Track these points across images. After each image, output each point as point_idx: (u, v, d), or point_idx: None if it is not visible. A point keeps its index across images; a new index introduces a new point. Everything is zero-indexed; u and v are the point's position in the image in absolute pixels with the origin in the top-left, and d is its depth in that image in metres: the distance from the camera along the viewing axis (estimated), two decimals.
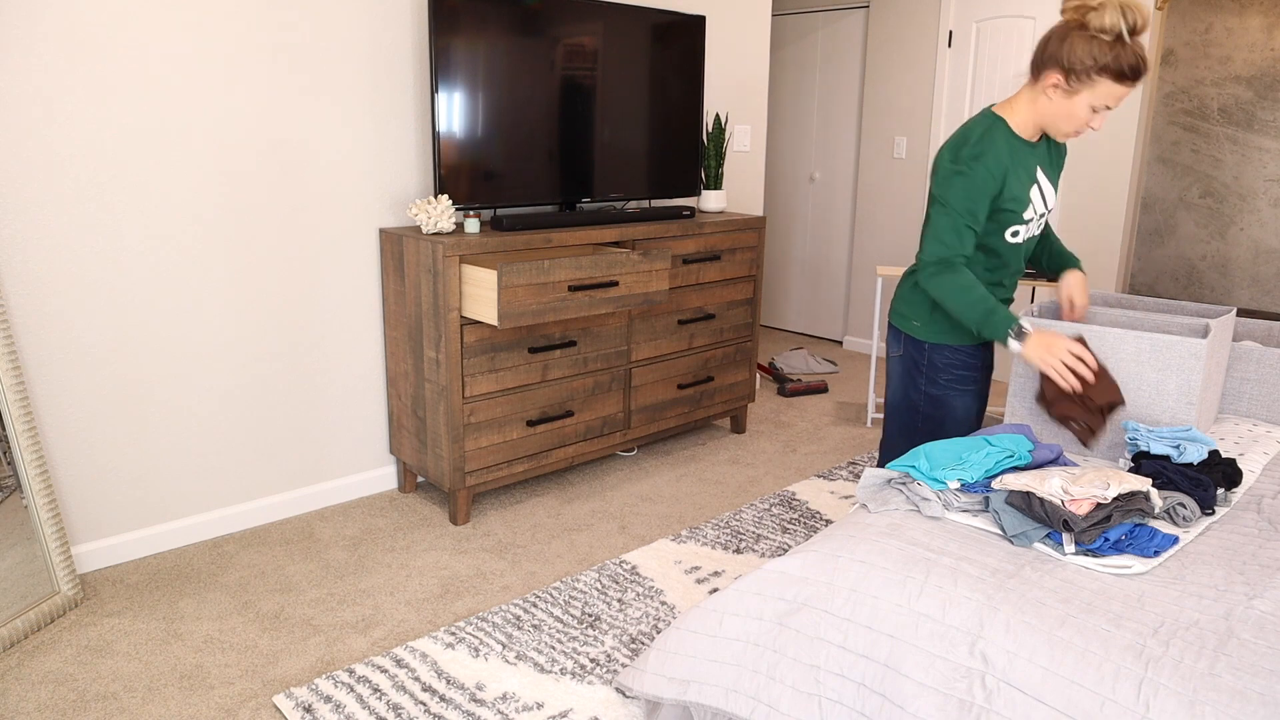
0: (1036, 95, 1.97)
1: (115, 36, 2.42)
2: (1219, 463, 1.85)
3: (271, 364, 2.88)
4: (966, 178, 1.95)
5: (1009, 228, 2.05)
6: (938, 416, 2.20)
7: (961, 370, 2.17)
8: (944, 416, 2.20)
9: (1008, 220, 2.03)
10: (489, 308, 2.69)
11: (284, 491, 2.99)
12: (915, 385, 2.22)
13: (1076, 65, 1.87)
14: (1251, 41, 4.62)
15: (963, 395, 2.18)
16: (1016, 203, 2.01)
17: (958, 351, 2.16)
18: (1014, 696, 1.36)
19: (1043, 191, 2.06)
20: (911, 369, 2.21)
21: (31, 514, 2.34)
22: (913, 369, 2.21)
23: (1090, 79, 1.87)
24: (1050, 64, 1.91)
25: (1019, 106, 2.01)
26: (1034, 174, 2.04)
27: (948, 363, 2.16)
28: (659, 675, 1.81)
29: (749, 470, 3.49)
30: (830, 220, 5.61)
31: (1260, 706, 1.20)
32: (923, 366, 2.19)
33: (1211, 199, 4.87)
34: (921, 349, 2.19)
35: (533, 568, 2.69)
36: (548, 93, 3.12)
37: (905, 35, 5.00)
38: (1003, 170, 1.97)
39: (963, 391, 2.18)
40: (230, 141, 2.67)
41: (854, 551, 1.65)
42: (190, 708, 2.02)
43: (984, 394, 2.24)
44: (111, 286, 2.53)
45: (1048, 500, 1.63)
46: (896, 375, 2.26)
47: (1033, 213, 2.05)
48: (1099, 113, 1.92)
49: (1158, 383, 2.19)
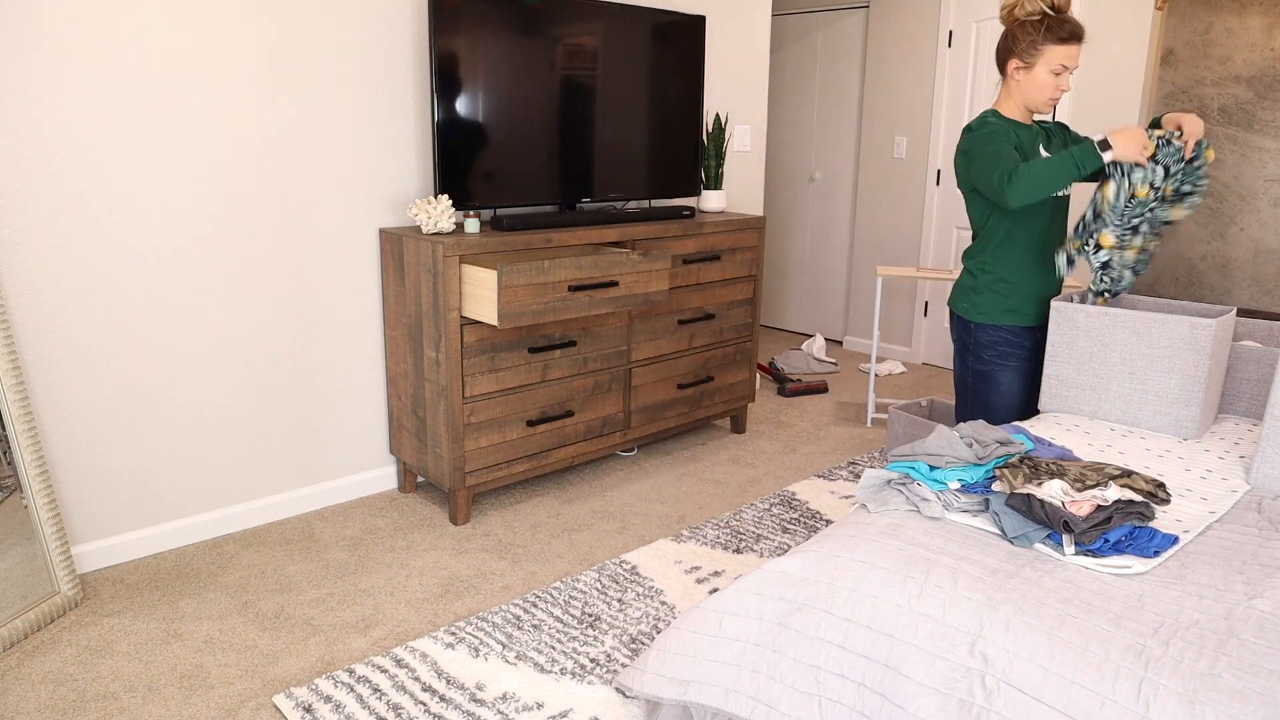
0: (1010, 86, 2.35)
1: (115, 36, 2.42)
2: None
3: (271, 364, 2.88)
4: (980, 134, 2.29)
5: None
6: (983, 391, 2.45)
7: (1004, 347, 2.41)
8: (989, 391, 2.44)
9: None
10: (489, 308, 2.69)
11: (284, 491, 2.99)
12: (965, 363, 2.49)
13: (1023, 45, 2.27)
14: (1251, 41, 4.62)
15: (1005, 371, 2.42)
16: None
17: (999, 330, 2.41)
18: (1014, 696, 1.36)
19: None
20: (962, 349, 2.49)
21: (31, 514, 2.34)
22: (963, 349, 2.48)
23: (1037, 49, 2.25)
24: (1006, 56, 2.32)
25: (1005, 100, 2.38)
26: (1036, 149, 2.35)
27: (990, 340, 2.41)
28: (659, 675, 1.81)
29: (749, 470, 3.49)
30: (830, 220, 5.61)
31: (1260, 706, 1.20)
32: (970, 345, 2.45)
33: (1211, 199, 4.87)
34: (968, 328, 2.45)
35: (533, 568, 2.69)
36: (548, 93, 3.12)
37: (905, 35, 5.00)
38: (1012, 134, 2.29)
39: (1005, 368, 2.42)
40: (230, 141, 2.67)
41: (854, 551, 1.65)
42: (190, 708, 2.02)
43: (1030, 374, 2.46)
44: (112, 286, 2.53)
45: (1048, 502, 1.62)
46: (955, 356, 2.54)
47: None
48: (1060, 75, 2.26)
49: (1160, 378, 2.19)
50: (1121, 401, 2.32)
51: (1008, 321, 2.40)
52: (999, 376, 2.42)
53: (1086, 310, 2.32)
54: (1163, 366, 2.23)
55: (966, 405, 2.51)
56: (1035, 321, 2.43)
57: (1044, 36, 2.22)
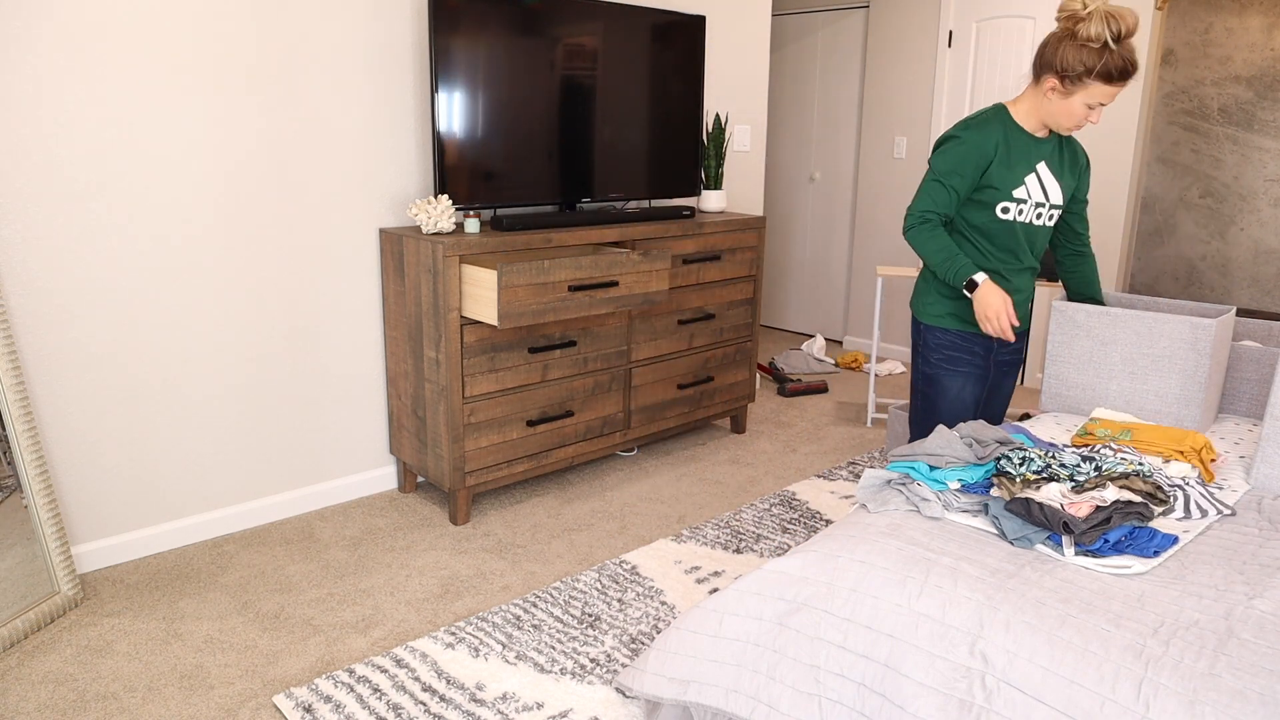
0: (1039, 96, 2.17)
1: (115, 36, 2.42)
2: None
3: (271, 364, 2.88)
4: (958, 143, 2.18)
5: (998, 204, 2.20)
6: (931, 394, 2.38)
7: (951, 351, 2.33)
8: (936, 396, 2.37)
9: (995, 197, 2.19)
10: (489, 308, 2.69)
11: (284, 491, 2.99)
12: (916, 366, 2.42)
13: (1069, 71, 2.06)
14: (1251, 41, 4.62)
15: (953, 376, 2.34)
16: (1003, 180, 2.18)
17: (947, 334, 2.33)
18: (1014, 696, 1.36)
19: (1043, 183, 2.22)
20: (914, 349, 2.43)
21: (31, 514, 2.34)
22: (914, 349, 2.43)
23: (1082, 82, 2.07)
24: (1047, 69, 2.12)
25: (1023, 103, 2.22)
26: (1033, 165, 2.21)
27: (939, 342, 2.34)
28: (659, 675, 1.81)
29: (749, 470, 3.49)
30: (830, 220, 5.61)
31: (1260, 706, 1.20)
32: (920, 347, 2.40)
33: (1211, 199, 4.87)
34: (919, 329, 2.39)
35: (533, 568, 2.69)
36: (548, 93, 3.12)
37: (905, 35, 5.00)
38: (994, 146, 2.17)
39: (953, 373, 2.34)
40: (230, 141, 2.67)
41: (854, 551, 1.65)
42: (190, 708, 2.02)
43: (982, 380, 2.37)
44: (112, 286, 2.53)
45: (1046, 505, 1.63)
46: (911, 357, 2.50)
47: (1026, 195, 2.20)
48: (1094, 109, 2.12)
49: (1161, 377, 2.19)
50: (1121, 401, 2.32)
51: (954, 325, 2.32)
52: (946, 381, 2.34)
53: (1087, 310, 2.33)
54: (1163, 367, 2.23)
55: (917, 409, 2.43)
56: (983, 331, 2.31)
57: (1096, 72, 2.03)
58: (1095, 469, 1.79)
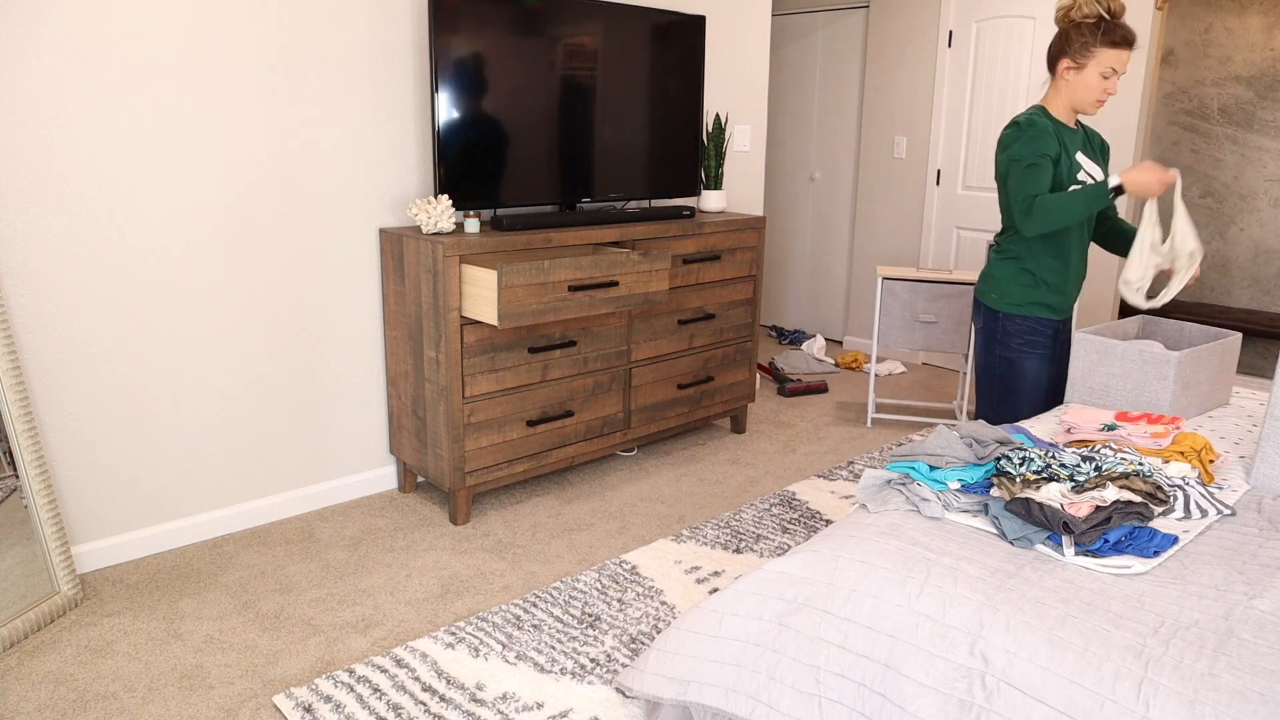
0: (1059, 85, 2.43)
1: (115, 37, 2.42)
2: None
3: (272, 364, 2.88)
4: (1028, 128, 2.37)
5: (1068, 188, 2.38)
6: (1010, 378, 2.54)
7: (1030, 335, 2.51)
8: (1016, 378, 2.53)
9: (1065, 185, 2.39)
10: (489, 308, 2.69)
11: (284, 491, 2.99)
12: (992, 351, 2.57)
13: (1076, 46, 2.36)
14: (1251, 41, 4.62)
15: (1032, 358, 2.51)
16: (1068, 170, 2.39)
17: (1026, 320, 2.50)
18: (1014, 696, 1.36)
19: (1087, 169, 2.44)
20: (988, 336, 2.58)
21: (31, 514, 2.34)
22: (989, 336, 2.57)
23: (1090, 52, 2.34)
24: (1058, 56, 2.41)
25: (1052, 97, 2.46)
26: (1074, 153, 2.44)
27: (1018, 328, 2.51)
28: (659, 675, 1.81)
29: (749, 470, 3.49)
30: (830, 220, 5.61)
31: (1260, 706, 1.20)
32: (998, 334, 2.55)
33: (1211, 199, 4.87)
34: (997, 318, 2.54)
35: (533, 568, 2.69)
36: (548, 93, 3.12)
37: (905, 35, 5.00)
38: (1054, 134, 2.37)
39: (1032, 355, 2.51)
40: (230, 141, 2.67)
41: (854, 551, 1.65)
42: (190, 708, 2.02)
43: (1055, 361, 2.55)
44: (112, 286, 2.53)
45: (1046, 505, 1.63)
46: (980, 344, 2.62)
47: (1088, 177, 2.42)
48: (1109, 79, 2.35)
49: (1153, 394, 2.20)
50: (1125, 405, 2.35)
51: (1034, 313, 2.49)
52: (1025, 364, 2.51)
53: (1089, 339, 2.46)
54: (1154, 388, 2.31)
55: (993, 393, 2.59)
56: (1060, 315, 2.53)
57: (1098, 40, 2.31)
58: (1095, 469, 1.79)
